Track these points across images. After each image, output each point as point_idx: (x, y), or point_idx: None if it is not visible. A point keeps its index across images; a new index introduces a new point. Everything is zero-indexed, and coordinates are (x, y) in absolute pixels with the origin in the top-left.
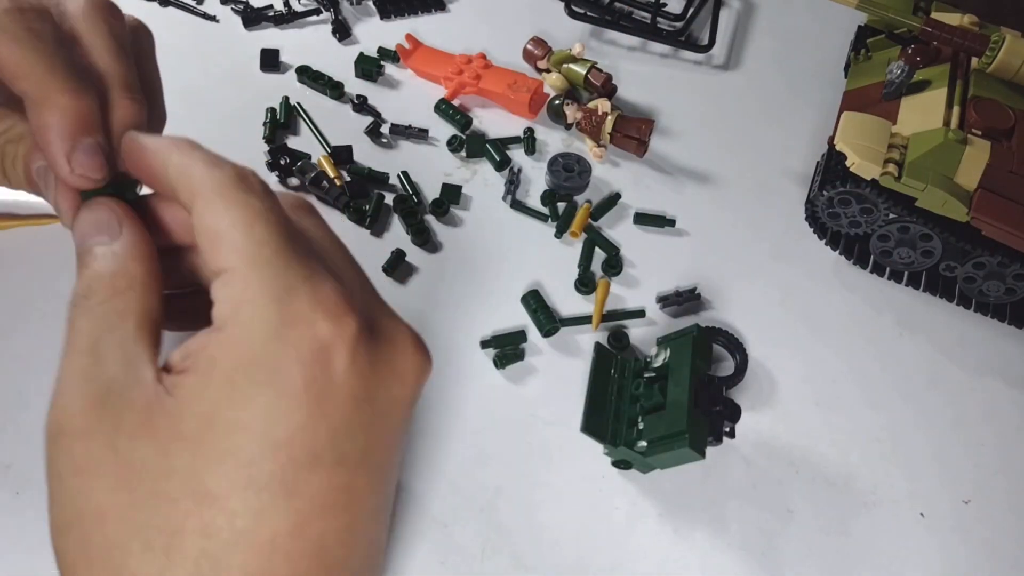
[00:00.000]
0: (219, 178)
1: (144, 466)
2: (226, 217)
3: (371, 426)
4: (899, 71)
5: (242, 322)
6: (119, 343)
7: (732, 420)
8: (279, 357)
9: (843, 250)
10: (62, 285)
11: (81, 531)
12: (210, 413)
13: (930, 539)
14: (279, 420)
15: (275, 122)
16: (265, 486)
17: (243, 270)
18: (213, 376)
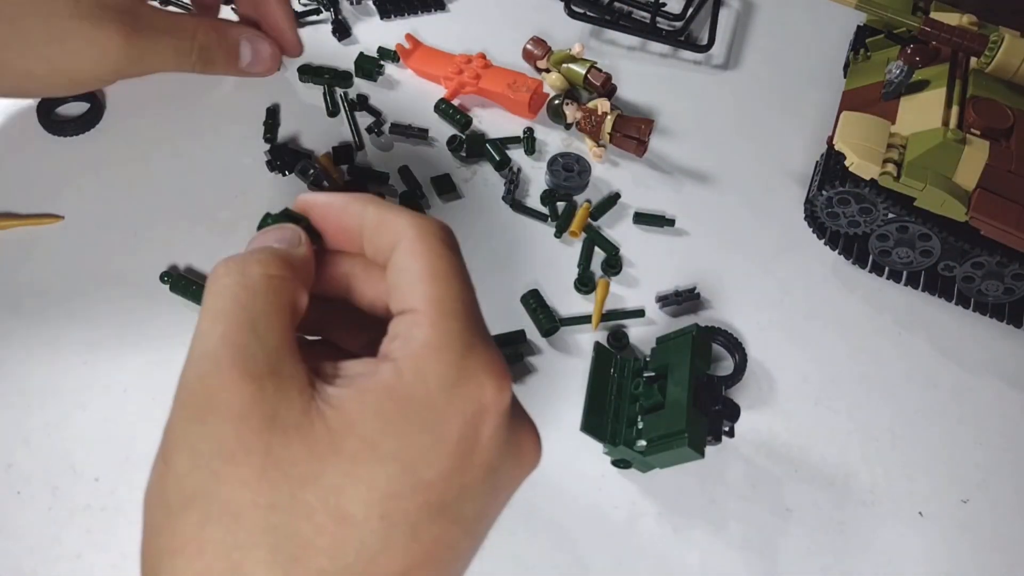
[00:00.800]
0: (425, 229)
1: (293, 469)
2: (425, 264)
3: (489, 495)
4: (898, 71)
5: (421, 364)
6: (279, 331)
7: (731, 419)
8: (446, 408)
9: (842, 250)
10: (62, 285)
11: (201, 517)
12: (369, 437)
13: (929, 538)
14: (430, 464)
15: (275, 122)
16: (397, 523)
17: (433, 316)
18: (381, 402)
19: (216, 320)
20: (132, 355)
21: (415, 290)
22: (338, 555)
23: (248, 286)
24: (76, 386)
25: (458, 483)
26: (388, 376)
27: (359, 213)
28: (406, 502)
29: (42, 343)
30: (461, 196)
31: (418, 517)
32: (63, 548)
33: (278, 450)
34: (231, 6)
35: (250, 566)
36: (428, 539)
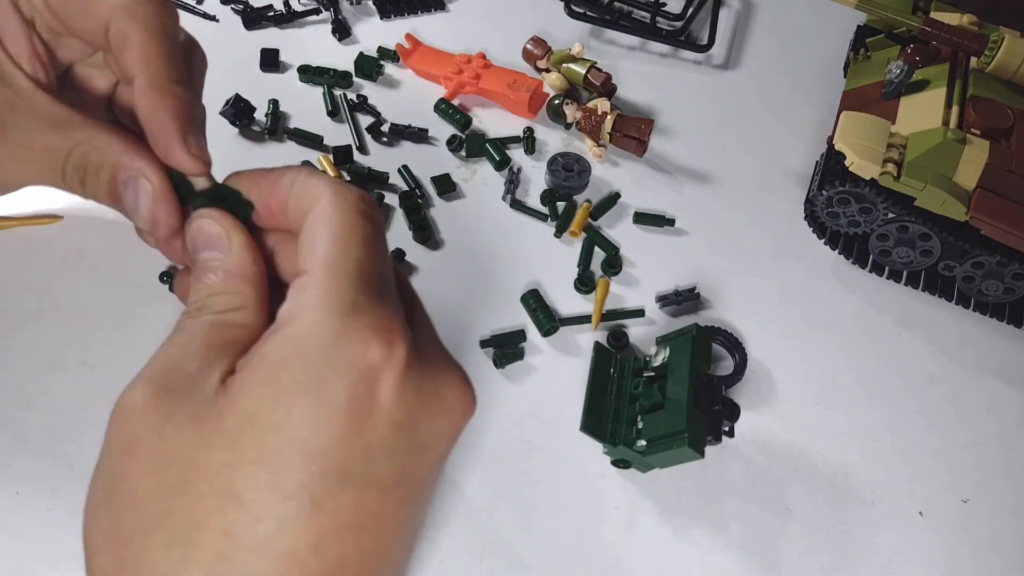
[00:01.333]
0: (342, 194)
1: (182, 455)
2: (330, 226)
3: (409, 454)
4: (898, 71)
5: (301, 325)
6: (211, 346)
7: (731, 419)
8: (327, 368)
9: (842, 249)
10: (62, 285)
11: (111, 511)
12: (251, 411)
13: (929, 538)
14: (315, 430)
15: (276, 114)
16: (292, 495)
17: (320, 277)
18: (261, 374)
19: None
20: (132, 355)
21: (314, 252)
22: (232, 535)
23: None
24: (76, 386)
25: (360, 446)
26: (268, 346)
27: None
28: (298, 472)
29: (42, 343)
30: (461, 196)
31: (316, 487)
32: (63, 548)
33: (171, 439)
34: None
35: (150, 550)
36: (338, 509)
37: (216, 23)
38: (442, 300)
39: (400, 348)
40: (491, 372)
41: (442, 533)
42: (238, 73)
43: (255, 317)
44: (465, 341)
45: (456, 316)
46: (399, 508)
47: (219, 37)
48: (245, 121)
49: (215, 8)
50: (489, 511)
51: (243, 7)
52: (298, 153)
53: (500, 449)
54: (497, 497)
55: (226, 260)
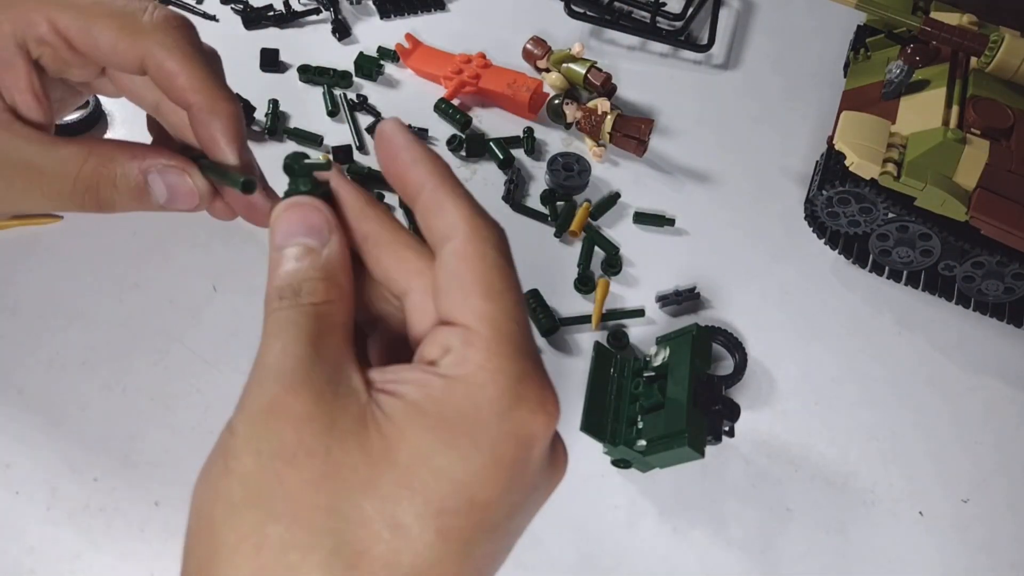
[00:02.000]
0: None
1: (352, 474)
2: (480, 276)
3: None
4: (898, 70)
5: (476, 387)
6: (335, 345)
7: (731, 419)
8: (500, 432)
9: (842, 249)
10: (62, 285)
11: (262, 515)
12: (424, 452)
13: (929, 538)
14: (484, 485)
15: (276, 114)
16: (451, 538)
17: (487, 337)
18: (435, 418)
19: (276, 337)
20: (131, 355)
21: (468, 303)
22: (393, 566)
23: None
24: (75, 386)
25: (508, 504)
26: (440, 392)
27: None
28: (461, 520)
29: (41, 343)
30: None
31: (472, 535)
32: (62, 548)
33: (337, 454)
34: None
35: (307, 568)
36: (479, 556)
37: (216, 23)
38: None
39: (554, 419)
40: None
41: None
42: (238, 73)
43: (351, 312)
44: None
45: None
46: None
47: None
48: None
49: (215, 8)
50: None
51: (243, 7)
52: None
53: None
54: None
55: (325, 251)
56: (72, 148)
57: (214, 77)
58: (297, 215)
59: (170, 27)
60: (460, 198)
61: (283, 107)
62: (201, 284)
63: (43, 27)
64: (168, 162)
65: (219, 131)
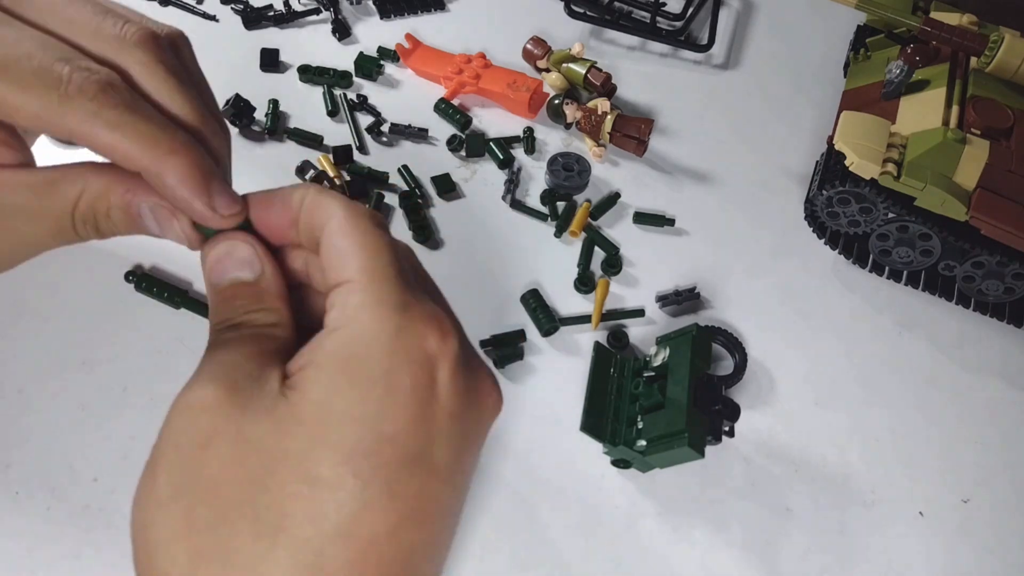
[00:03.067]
0: (354, 211)
1: (262, 445)
2: (355, 240)
3: (460, 442)
4: (898, 70)
5: (361, 324)
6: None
7: (731, 419)
8: (392, 359)
9: (842, 249)
10: (62, 285)
11: (188, 502)
12: (325, 401)
13: (929, 538)
14: (388, 416)
15: (276, 114)
16: (370, 480)
17: (365, 282)
18: (330, 368)
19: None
20: (131, 355)
21: (347, 263)
22: (319, 519)
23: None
24: (75, 386)
25: (424, 432)
26: (330, 344)
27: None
28: (374, 458)
29: (41, 343)
30: (461, 196)
31: (390, 471)
32: (62, 548)
33: (248, 430)
34: None
35: (238, 540)
36: (408, 493)
37: (216, 23)
38: None
39: (452, 337)
40: None
41: None
42: (238, 73)
43: (290, 331)
44: None
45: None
46: (453, 496)
47: (219, 37)
48: (245, 121)
49: (215, 8)
50: (489, 511)
51: (243, 7)
52: (298, 152)
53: (500, 449)
54: (497, 497)
55: (261, 281)
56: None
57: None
58: (225, 250)
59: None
60: (334, 194)
61: (283, 107)
62: (201, 284)
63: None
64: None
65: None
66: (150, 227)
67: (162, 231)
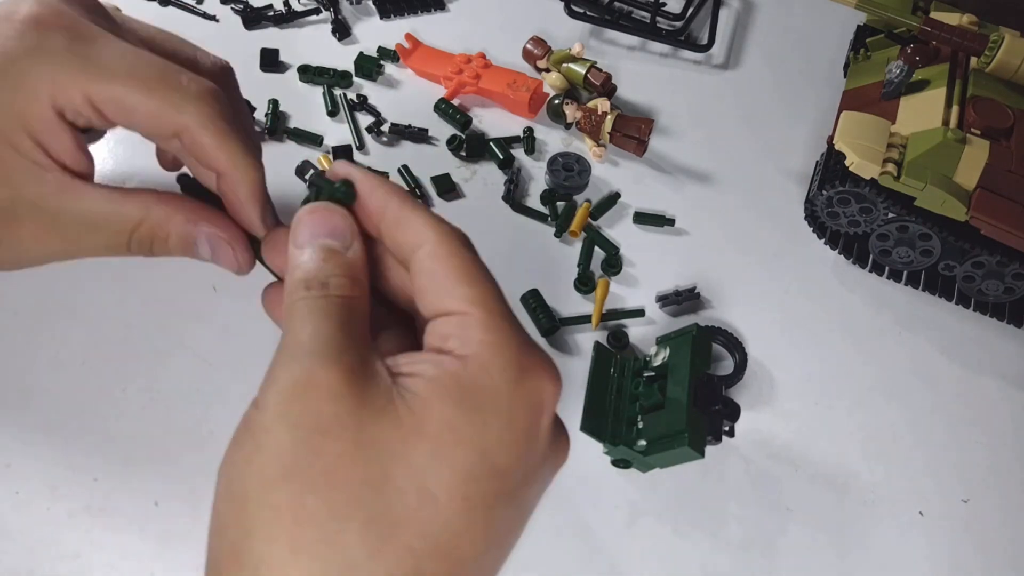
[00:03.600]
0: (446, 233)
1: (384, 447)
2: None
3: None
4: (898, 70)
5: (485, 360)
6: (361, 332)
7: (731, 419)
8: (513, 399)
9: (842, 249)
10: (62, 285)
11: (298, 488)
12: (450, 421)
13: (929, 538)
14: (504, 450)
15: (276, 114)
16: (477, 506)
17: (482, 317)
18: (453, 390)
19: (306, 320)
20: (131, 355)
21: (454, 293)
22: (425, 534)
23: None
24: (75, 386)
25: (523, 470)
26: (455, 368)
27: (382, 202)
28: (484, 486)
29: (41, 343)
30: (461, 196)
31: (494, 501)
32: (62, 548)
33: (370, 427)
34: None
35: (344, 538)
36: (500, 524)
37: (216, 23)
38: None
39: (558, 387)
40: None
41: None
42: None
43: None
44: None
45: None
46: (518, 532)
47: (219, 37)
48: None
49: (215, 8)
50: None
51: (243, 7)
52: (298, 152)
53: None
54: None
55: (348, 253)
56: (133, 205)
57: (244, 146)
58: (321, 218)
59: (206, 101)
60: (422, 211)
61: (283, 107)
62: (201, 284)
63: (78, 100)
64: (220, 232)
65: (244, 196)
66: (202, 253)
67: (215, 257)
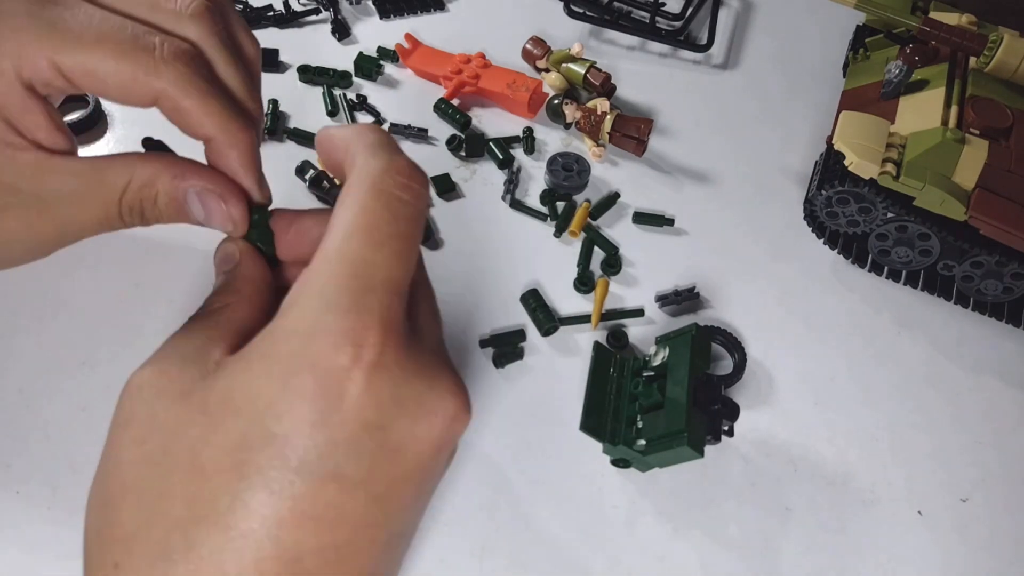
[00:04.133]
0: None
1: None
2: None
3: (378, 454)
4: (897, 70)
5: (286, 317)
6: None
7: (731, 419)
8: (298, 362)
9: (841, 249)
10: (62, 286)
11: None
12: (228, 392)
13: (928, 537)
14: (279, 416)
15: (276, 114)
16: (248, 475)
17: (315, 270)
18: (244, 360)
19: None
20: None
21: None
22: (192, 505)
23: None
24: (75, 385)
25: (321, 440)
26: (258, 335)
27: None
28: (256, 454)
29: (41, 342)
30: (461, 196)
31: (273, 472)
32: (62, 547)
33: (160, 414)
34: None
35: (121, 513)
36: (293, 496)
37: None
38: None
39: (370, 351)
40: (490, 372)
41: (442, 532)
42: None
43: (250, 310)
44: (465, 341)
45: (456, 316)
46: (368, 508)
47: None
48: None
49: None
50: (489, 511)
51: (243, 7)
52: (298, 153)
53: (499, 449)
54: (497, 497)
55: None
56: (117, 169)
57: (231, 109)
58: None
59: (183, 62)
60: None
61: (283, 107)
62: (201, 284)
63: (46, 70)
64: (208, 185)
65: (235, 161)
66: (195, 212)
67: (207, 216)
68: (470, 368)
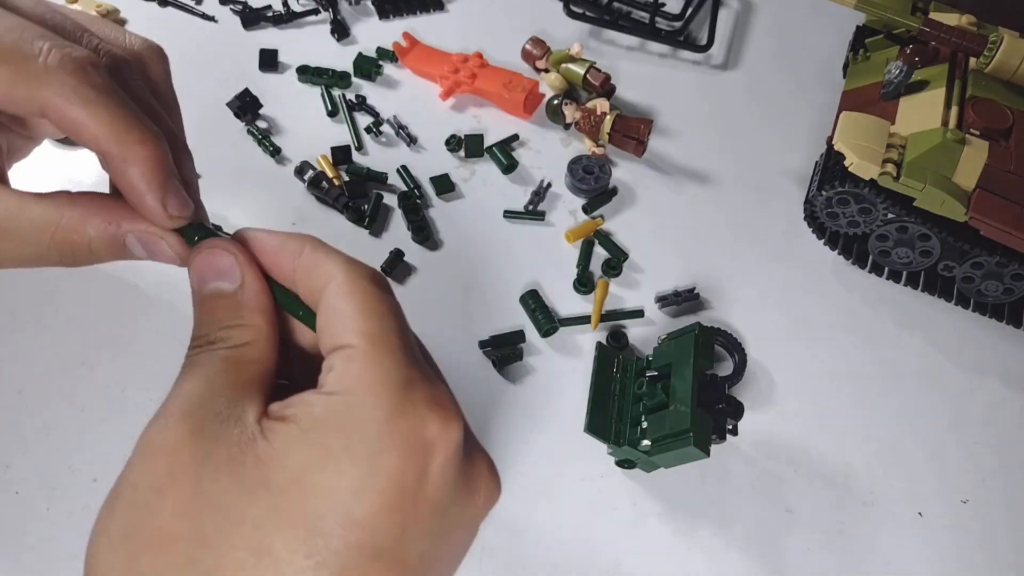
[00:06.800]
0: (355, 271)
1: (219, 504)
2: (355, 302)
3: (438, 536)
4: (897, 71)
5: (358, 396)
6: (235, 385)
7: (735, 417)
8: (381, 442)
9: (841, 250)
10: (63, 287)
11: (130, 549)
12: (299, 471)
13: (928, 538)
14: (362, 501)
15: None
16: (325, 562)
17: (366, 350)
18: (312, 434)
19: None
20: (131, 355)
21: (347, 327)
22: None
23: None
24: (75, 387)
25: (398, 523)
26: (321, 409)
27: (297, 248)
28: (335, 540)
29: (41, 343)
30: (460, 196)
31: (348, 558)
32: (61, 548)
33: (207, 484)
34: None
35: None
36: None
37: (215, 23)
38: (441, 301)
39: (454, 425)
40: (490, 373)
41: None
42: (237, 73)
43: (269, 351)
44: (464, 342)
45: (455, 317)
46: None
47: (218, 37)
48: (250, 116)
49: (214, 8)
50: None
51: (242, 7)
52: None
53: (499, 450)
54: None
55: (239, 293)
56: (42, 208)
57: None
58: (206, 260)
59: (69, 70)
60: (333, 252)
61: (282, 107)
62: None
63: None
64: (149, 228)
65: (136, 178)
66: (136, 253)
67: (151, 254)
68: (469, 369)
